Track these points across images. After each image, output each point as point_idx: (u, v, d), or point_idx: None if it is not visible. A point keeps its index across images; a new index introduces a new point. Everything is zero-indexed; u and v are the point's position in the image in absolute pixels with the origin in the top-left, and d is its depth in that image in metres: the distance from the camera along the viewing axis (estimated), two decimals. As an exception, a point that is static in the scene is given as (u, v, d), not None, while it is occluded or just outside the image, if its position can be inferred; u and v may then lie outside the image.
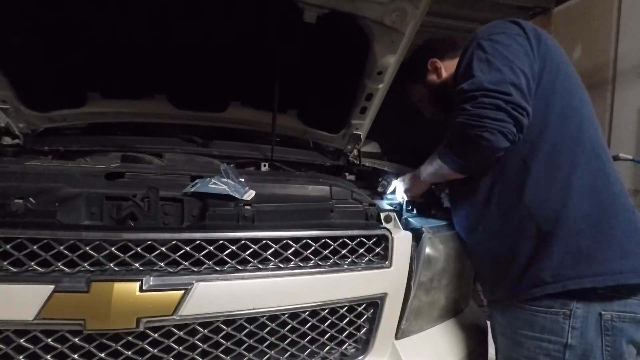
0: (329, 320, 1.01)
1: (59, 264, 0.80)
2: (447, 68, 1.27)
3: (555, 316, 0.94)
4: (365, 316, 1.07)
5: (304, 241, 0.96)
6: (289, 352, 0.98)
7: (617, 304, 0.92)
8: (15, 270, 0.78)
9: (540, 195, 0.97)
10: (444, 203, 1.39)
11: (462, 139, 0.96)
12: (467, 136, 0.93)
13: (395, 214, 1.15)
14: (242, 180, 1.03)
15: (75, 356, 0.81)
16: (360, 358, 1.06)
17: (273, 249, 0.93)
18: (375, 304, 1.06)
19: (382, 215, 1.13)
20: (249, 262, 0.91)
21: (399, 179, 1.32)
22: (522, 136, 0.92)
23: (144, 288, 0.80)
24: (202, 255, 0.87)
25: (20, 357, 0.80)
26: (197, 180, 0.98)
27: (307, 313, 0.98)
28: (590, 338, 0.92)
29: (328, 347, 1.03)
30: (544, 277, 0.95)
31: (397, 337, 1.14)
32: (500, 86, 0.88)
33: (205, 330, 0.88)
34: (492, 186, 1.05)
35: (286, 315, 0.96)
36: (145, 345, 0.84)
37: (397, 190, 1.31)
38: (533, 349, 0.97)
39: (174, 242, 0.86)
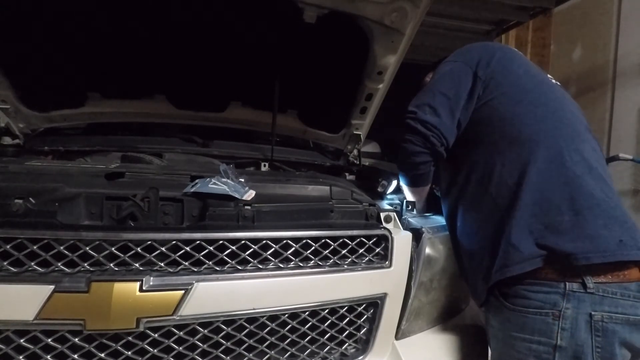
0: (329, 321, 1.01)
1: (59, 264, 0.80)
2: None
3: (545, 317, 0.94)
4: (365, 316, 1.07)
5: (304, 241, 0.96)
6: (289, 352, 0.98)
7: (608, 305, 0.92)
8: (15, 270, 0.78)
9: (502, 184, 1.04)
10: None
11: (397, 149, 1.20)
12: (397, 146, 1.18)
13: (395, 214, 1.15)
14: (242, 180, 1.03)
15: (75, 356, 0.81)
16: (360, 358, 1.06)
17: (273, 249, 0.93)
18: (375, 304, 1.06)
19: (382, 215, 1.13)
20: (249, 262, 0.91)
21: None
22: (438, 141, 1.10)
23: (144, 288, 0.80)
24: (202, 256, 0.87)
25: (20, 357, 0.80)
26: (197, 180, 0.98)
27: (307, 313, 0.98)
28: (580, 339, 0.92)
29: (328, 347, 1.03)
30: (504, 262, 0.99)
31: (397, 337, 1.15)
32: (417, 107, 1.12)
33: (205, 331, 0.88)
34: (466, 181, 1.12)
35: (286, 315, 0.96)
36: (145, 346, 0.84)
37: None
38: (523, 350, 0.97)
39: (174, 242, 0.86)
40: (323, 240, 0.98)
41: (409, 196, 1.29)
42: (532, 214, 0.98)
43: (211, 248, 0.88)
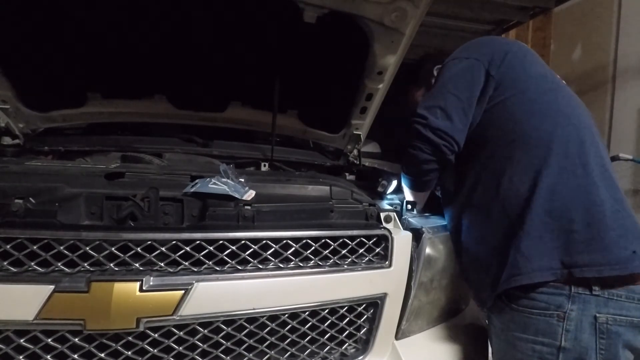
0: (329, 321, 1.01)
1: (59, 264, 0.80)
2: None
3: (550, 318, 0.94)
4: (365, 316, 1.07)
5: (304, 241, 0.96)
6: (289, 352, 0.98)
7: (612, 307, 0.91)
8: (15, 270, 0.78)
9: (513, 190, 1.00)
10: None
11: (403, 154, 1.17)
12: (404, 151, 1.14)
13: (395, 214, 1.15)
14: (242, 180, 1.03)
15: (75, 356, 0.81)
16: (360, 358, 1.06)
17: (273, 249, 0.93)
18: (375, 304, 1.06)
19: (382, 215, 1.13)
20: (249, 262, 0.91)
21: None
22: (449, 149, 1.06)
23: (144, 288, 0.80)
24: (202, 256, 0.87)
25: (20, 357, 0.80)
26: (197, 180, 0.98)
27: (307, 313, 0.98)
28: (584, 341, 0.91)
29: (328, 347, 1.03)
30: (513, 271, 0.97)
31: (397, 338, 1.14)
32: (427, 110, 1.07)
33: (205, 331, 0.88)
34: (474, 186, 1.08)
35: (286, 315, 0.96)
36: (145, 346, 0.84)
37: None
38: (527, 351, 0.97)
39: (174, 242, 0.86)
40: (323, 240, 0.98)
41: (410, 197, 1.28)
42: (544, 223, 0.96)
43: (211, 248, 0.88)
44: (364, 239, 1.03)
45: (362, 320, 1.06)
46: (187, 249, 0.86)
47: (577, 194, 0.96)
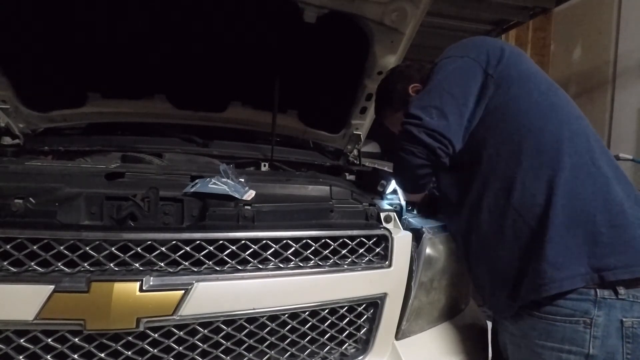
0: (329, 320, 1.01)
1: (59, 264, 0.80)
2: None
3: (576, 325, 0.91)
4: (365, 316, 1.07)
5: (304, 241, 0.96)
6: (289, 352, 0.98)
7: (637, 310, 0.90)
8: (15, 270, 0.78)
9: (527, 197, 0.96)
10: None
11: (393, 157, 1.11)
12: (395, 154, 1.08)
13: (395, 214, 1.15)
14: (242, 180, 1.03)
15: (75, 356, 0.81)
16: (360, 358, 1.06)
17: (273, 249, 0.93)
18: (375, 304, 1.06)
19: (382, 215, 1.13)
20: (249, 262, 0.91)
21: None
22: (444, 151, 1.01)
23: (144, 288, 0.80)
24: (202, 255, 0.87)
25: (20, 357, 0.80)
26: (197, 180, 0.98)
27: (307, 313, 0.98)
28: (611, 346, 0.90)
29: (328, 347, 1.03)
30: (538, 280, 0.93)
31: (397, 338, 1.14)
32: (422, 110, 1.01)
33: (205, 330, 0.88)
34: (482, 192, 1.03)
35: (286, 315, 0.96)
36: (145, 346, 0.84)
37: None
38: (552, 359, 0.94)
39: (174, 242, 0.86)
40: (323, 240, 0.98)
41: (406, 197, 1.25)
42: (567, 227, 0.92)
43: (211, 248, 0.88)
44: (364, 239, 1.03)
45: (362, 320, 1.06)
46: (187, 249, 0.86)
47: (595, 193, 0.93)
